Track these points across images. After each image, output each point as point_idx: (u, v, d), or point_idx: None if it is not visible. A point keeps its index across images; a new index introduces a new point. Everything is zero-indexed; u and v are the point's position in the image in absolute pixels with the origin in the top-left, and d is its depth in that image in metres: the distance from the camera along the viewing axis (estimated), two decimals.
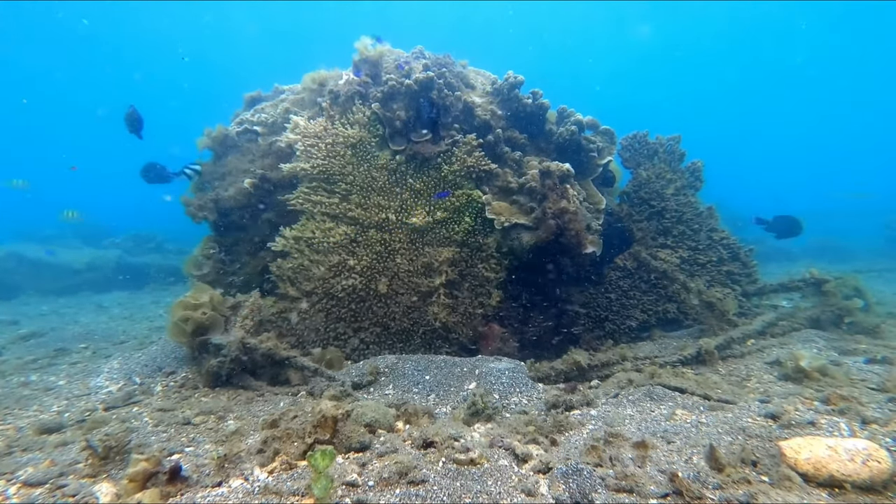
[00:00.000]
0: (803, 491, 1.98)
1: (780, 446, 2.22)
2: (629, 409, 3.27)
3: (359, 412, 2.82)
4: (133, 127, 5.96)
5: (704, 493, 1.97)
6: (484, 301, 4.75)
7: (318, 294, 4.71)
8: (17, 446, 2.98)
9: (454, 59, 5.40)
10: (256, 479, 2.25)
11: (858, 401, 2.94)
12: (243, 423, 3.20)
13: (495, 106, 5.05)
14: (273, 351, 4.04)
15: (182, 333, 4.11)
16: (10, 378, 4.68)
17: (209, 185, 5.50)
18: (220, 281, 5.17)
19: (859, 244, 15.13)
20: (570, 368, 4.12)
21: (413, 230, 4.71)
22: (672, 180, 5.60)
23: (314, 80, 5.16)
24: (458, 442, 2.59)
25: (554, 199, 4.47)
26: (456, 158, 4.70)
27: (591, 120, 5.34)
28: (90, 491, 2.28)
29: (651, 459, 2.33)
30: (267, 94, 5.94)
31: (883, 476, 1.96)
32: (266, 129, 5.29)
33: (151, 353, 4.82)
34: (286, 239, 4.74)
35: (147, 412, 3.53)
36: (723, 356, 4.35)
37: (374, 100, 4.73)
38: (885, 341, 4.48)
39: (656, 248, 5.45)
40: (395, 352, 4.69)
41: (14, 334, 6.75)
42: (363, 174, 4.75)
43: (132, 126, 5.96)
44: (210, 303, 4.24)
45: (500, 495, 2.05)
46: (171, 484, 2.20)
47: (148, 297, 11.07)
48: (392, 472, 2.19)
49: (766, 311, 5.33)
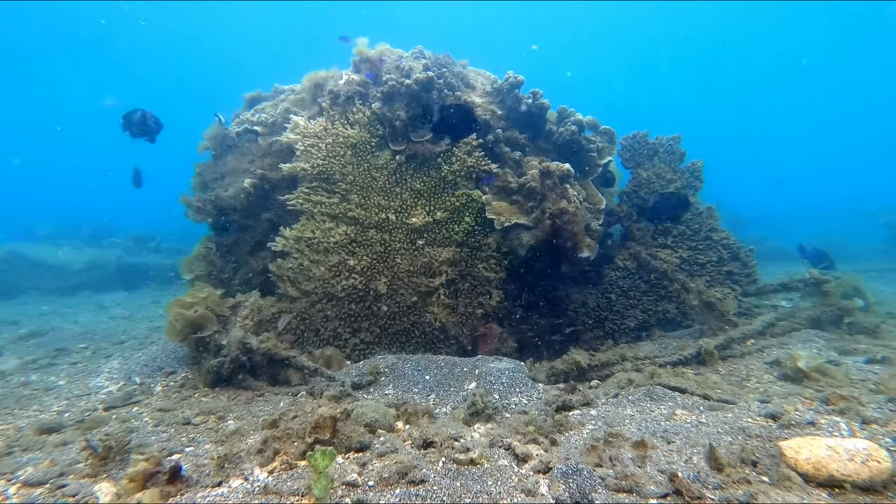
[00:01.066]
0: (803, 491, 1.98)
1: (780, 446, 2.22)
2: (629, 409, 3.27)
3: (359, 412, 2.82)
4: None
5: (704, 493, 1.97)
6: (484, 301, 4.75)
7: (318, 294, 4.71)
8: (17, 446, 2.98)
9: (454, 59, 5.40)
10: (256, 479, 2.25)
11: (858, 401, 2.93)
12: (243, 423, 3.19)
13: (495, 106, 5.05)
14: (273, 351, 4.04)
15: (174, 331, 4.11)
16: (10, 378, 4.68)
17: (209, 186, 5.50)
18: (219, 281, 5.17)
19: (859, 244, 15.11)
20: (570, 368, 4.12)
21: (413, 230, 4.71)
22: (672, 180, 5.60)
23: (314, 80, 5.16)
24: (458, 442, 2.59)
25: (554, 199, 4.47)
26: (456, 158, 4.70)
27: (591, 120, 5.34)
28: (90, 491, 2.28)
29: (651, 459, 2.33)
30: (267, 94, 5.94)
31: (883, 476, 1.96)
32: (266, 129, 5.29)
33: (151, 353, 4.82)
34: (286, 239, 4.74)
35: (147, 412, 3.53)
36: (723, 356, 4.35)
37: (374, 100, 4.73)
38: (885, 341, 4.48)
39: (656, 248, 5.45)
40: (395, 352, 4.69)
41: (14, 334, 6.75)
42: (363, 174, 4.75)
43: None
44: (205, 301, 4.24)
45: (500, 495, 2.05)
46: (171, 484, 2.20)
47: (148, 297, 11.06)
48: (392, 472, 2.19)
49: (766, 311, 5.33)
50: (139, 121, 5.45)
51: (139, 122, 5.46)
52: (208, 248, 5.35)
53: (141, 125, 5.49)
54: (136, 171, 7.64)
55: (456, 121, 4.65)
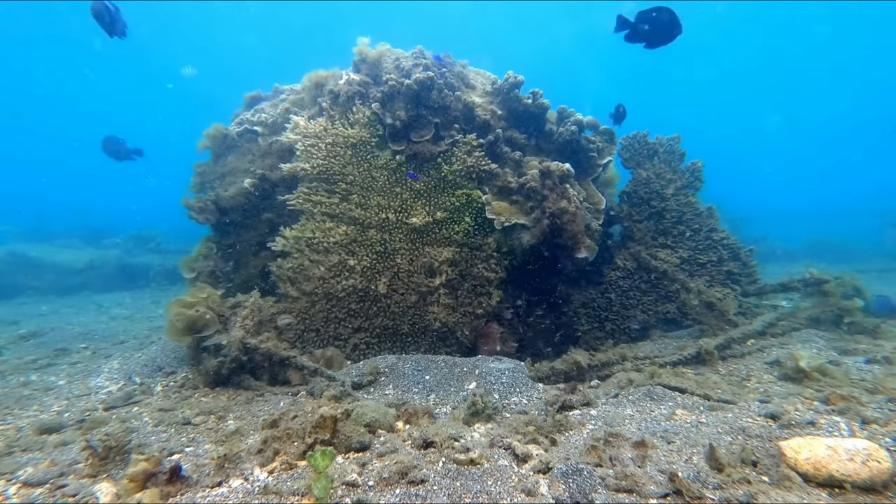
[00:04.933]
0: (803, 491, 1.98)
1: (780, 446, 2.22)
2: (629, 408, 3.27)
3: (359, 412, 2.82)
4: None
5: (704, 493, 1.97)
6: (484, 301, 4.75)
7: (318, 294, 4.71)
8: (17, 446, 2.98)
9: (454, 59, 5.40)
10: (256, 479, 2.25)
11: (858, 401, 2.94)
12: (243, 423, 3.20)
13: (495, 106, 5.05)
14: (273, 351, 4.04)
15: (175, 331, 4.11)
16: (10, 378, 4.68)
17: (209, 186, 5.51)
18: (219, 281, 5.17)
19: (859, 244, 15.12)
20: (570, 368, 4.12)
21: (413, 230, 4.71)
22: (672, 180, 5.60)
23: (314, 80, 5.16)
24: (458, 442, 2.59)
25: (554, 199, 4.47)
26: (456, 158, 4.70)
27: (592, 120, 5.34)
28: (90, 491, 2.28)
29: (651, 459, 2.33)
30: (267, 94, 5.94)
31: (883, 476, 1.96)
32: (266, 129, 5.29)
33: (151, 353, 4.82)
34: (286, 239, 4.74)
35: (147, 412, 3.53)
36: (723, 356, 4.35)
37: (374, 100, 4.73)
38: (885, 341, 4.48)
39: (656, 248, 5.45)
40: (395, 352, 4.69)
41: (14, 334, 6.75)
42: (363, 174, 4.75)
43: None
44: (206, 301, 4.24)
45: (500, 495, 2.05)
46: (171, 484, 2.20)
47: (148, 297, 11.07)
48: (392, 472, 2.20)
49: (767, 310, 5.33)
50: (116, 148, 6.14)
51: (116, 149, 6.15)
52: (209, 248, 5.35)
53: (116, 150, 6.18)
54: (114, 142, 6.93)
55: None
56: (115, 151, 6.84)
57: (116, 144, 6.86)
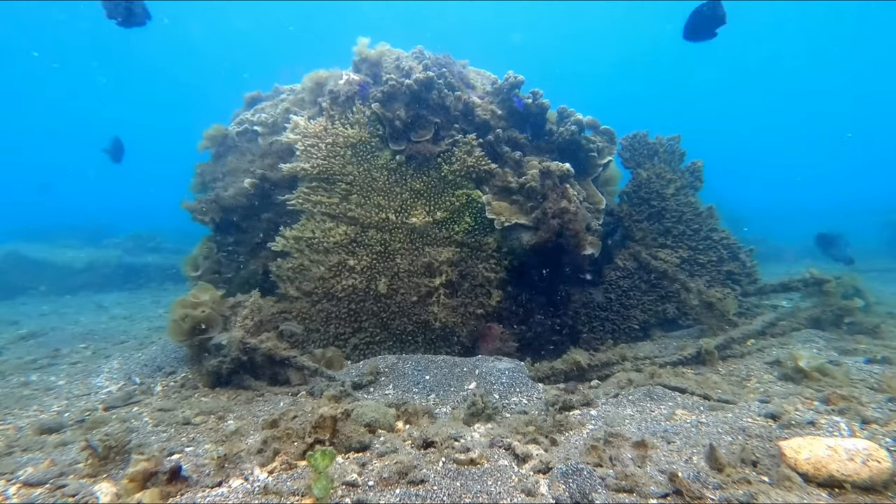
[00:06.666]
0: (803, 491, 1.98)
1: (780, 446, 2.22)
2: (629, 408, 3.27)
3: (359, 412, 2.82)
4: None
5: (704, 493, 1.97)
6: (484, 301, 4.75)
7: (318, 294, 4.71)
8: (17, 446, 2.98)
9: (454, 59, 5.40)
10: (256, 479, 2.25)
11: (858, 401, 2.94)
12: (243, 423, 3.20)
13: (495, 106, 5.05)
14: (273, 351, 4.04)
15: (181, 332, 4.11)
16: (10, 378, 4.68)
17: (209, 186, 5.51)
18: (219, 281, 5.17)
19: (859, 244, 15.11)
20: (570, 368, 4.12)
21: (413, 230, 4.71)
22: (672, 180, 5.59)
23: (314, 80, 5.16)
24: (458, 442, 2.59)
25: (554, 198, 4.47)
26: (456, 158, 4.69)
27: (592, 120, 5.34)
28: (90, 491, 2.28)
29: (651, 459, 2.33)
30: (267, 94, 5.94)
31: (883, 476, 1.96)
32: (266, 129, 5.29)
33: (151, 353, 4.82)
34: (286, 239, 4.74)
35: (147, 412, 3.53)
36: (723, 356, 4.35)
37: (374, 100, 4.72)
38: (885, 341, 4.48)
39: (656, 248, 5.44)
40: (395, 352, 4.69)
41: (14, 334, 6.75)
42: (363, 174, 4.75)
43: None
44: (210, 301, 4.24)
45: (500, 495, 2.05)
46: (171, 484, 2.20)
47: (148, 297, 11.07)
48: (392, 472, 2.20)
49: (766, 310, 5.33)
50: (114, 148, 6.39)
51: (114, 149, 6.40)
52: (209, 248, 5.35)
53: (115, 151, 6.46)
54: (115, 143, 7.25)
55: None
56: (115, 152, 6.96)
57: (116, 145, 7.00)
